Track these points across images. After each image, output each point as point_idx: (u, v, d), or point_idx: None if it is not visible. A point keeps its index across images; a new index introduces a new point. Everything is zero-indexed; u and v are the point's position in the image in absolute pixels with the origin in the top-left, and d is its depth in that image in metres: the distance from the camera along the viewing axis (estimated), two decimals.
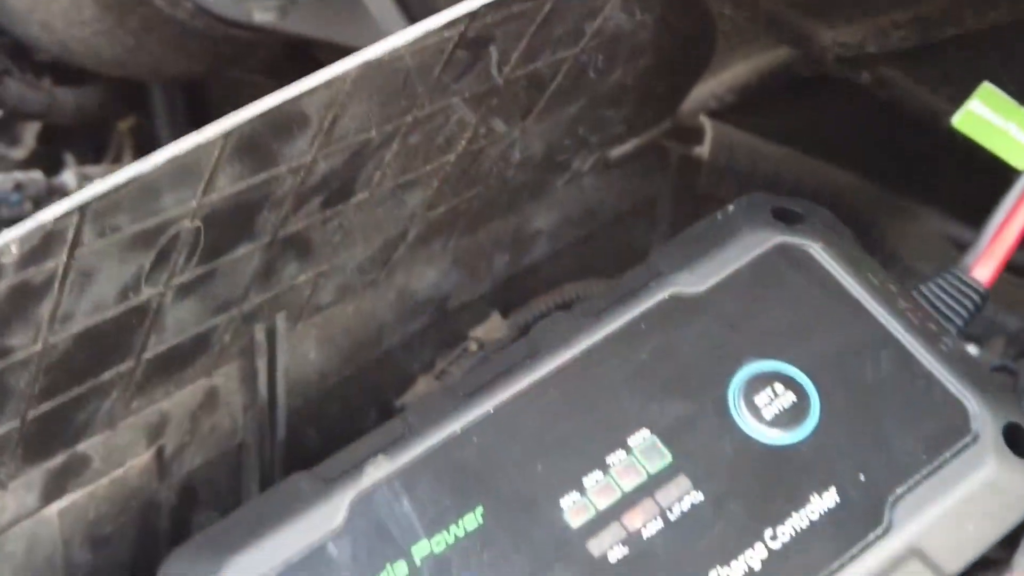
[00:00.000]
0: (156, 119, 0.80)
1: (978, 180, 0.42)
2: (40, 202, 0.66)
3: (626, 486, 0.34)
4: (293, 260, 0.40)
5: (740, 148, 0.63)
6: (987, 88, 0.40)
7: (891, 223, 0.65)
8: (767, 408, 0.35)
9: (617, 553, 0.33)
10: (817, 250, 0.38)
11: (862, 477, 0.34)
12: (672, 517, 0.34)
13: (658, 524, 0.34)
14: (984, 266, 0.40)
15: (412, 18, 0.56)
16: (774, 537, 0.33)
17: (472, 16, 0.32)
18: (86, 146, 0.81)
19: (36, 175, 0.67)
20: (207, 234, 0.33)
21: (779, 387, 0.36)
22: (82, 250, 0.29)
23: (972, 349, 0.42)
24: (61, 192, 0.68)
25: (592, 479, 0.35)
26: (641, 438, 0.35)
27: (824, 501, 0.34)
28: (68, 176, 0.71)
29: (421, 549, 0.34)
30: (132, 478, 0.44)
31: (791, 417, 0.35)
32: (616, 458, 0.35)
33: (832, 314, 0.37)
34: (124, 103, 0.80)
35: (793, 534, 0.33)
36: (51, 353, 0.32)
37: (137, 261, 0.32)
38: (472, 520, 0.34)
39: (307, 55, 0.69)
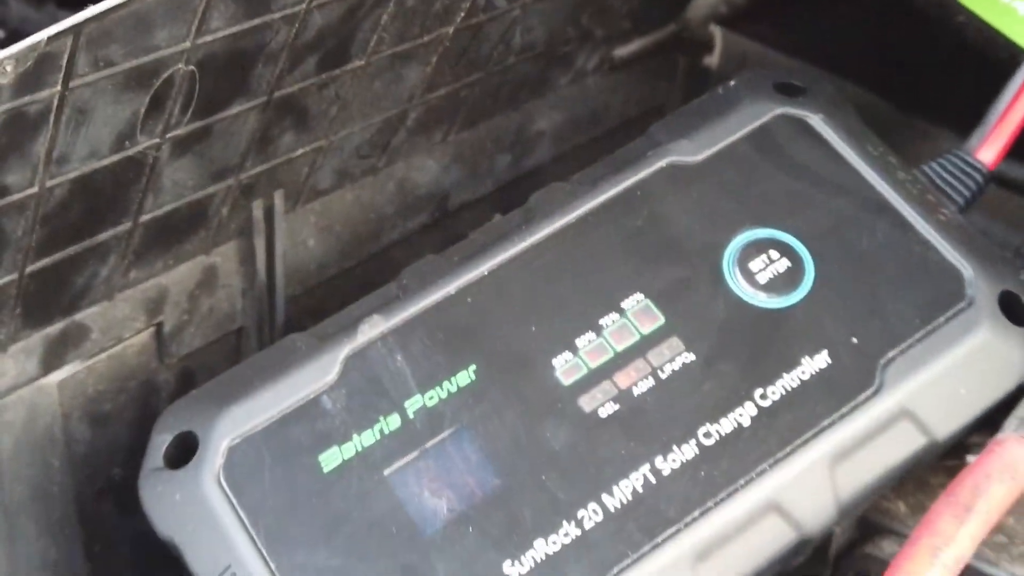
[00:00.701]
0: None
1: (991, 99, 0.41)
2: None
3: (618, 346, 0.35)
4: (290, 129, 0.40)
5: (750, 58, 0.63)
6: None
7: (903, 142, 0.64)
8: (761, 273, 0.35)
9: (608, 409, 0.34)
10: (817, 121, 0.38)
11: (854, 340, 0.34)
12: (663, 376, 0.34)
13: (649, 383, 0.34)
14: (989, 148, 0.40)
15: None
16: (764, 396, 0.34)
17: None
18: None
19: None
20: (202, 83, 0.33)
21: (774, 253, 0.36)
22: (77, 81, 0.29)
23: None
24: None
25: (585, 339, 0.35)
26: (635, 301, 0.35)
27: (815, 363, 0.34)
28: None
29: (414, 403, 0.34)
30: (131, 356, 0.44)
31: (785, 282, 0.35)
32: (609, 320, 0.35)
33: (830, 184, 0.37)
34: None
35: (783, 393, 0.33)
36: (48, 199, 0.33)
37: (132, 104, 0.32)
38: (465, 377, 0.34)
39: None
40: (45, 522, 0.43)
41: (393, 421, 0.34)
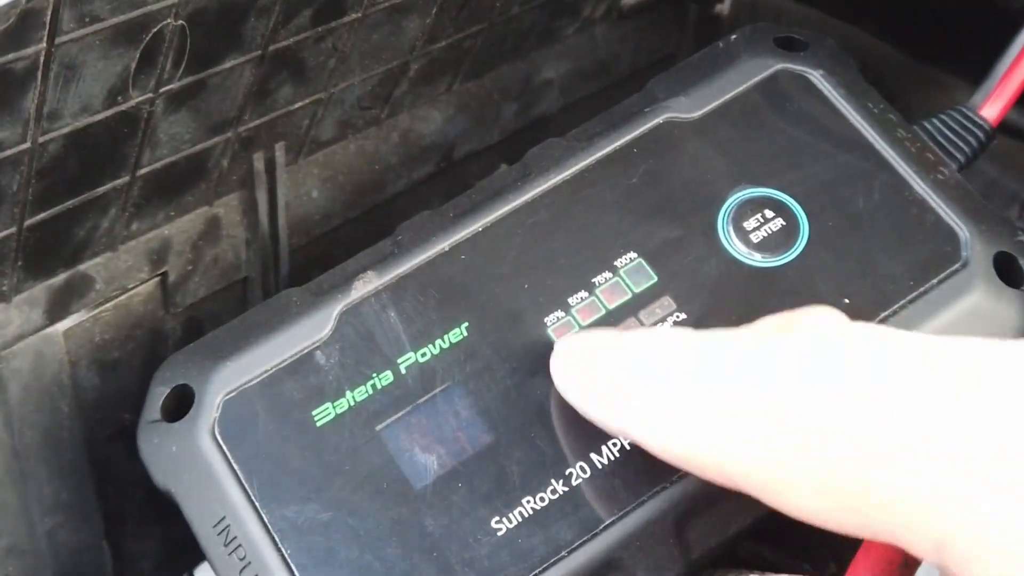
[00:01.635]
0: None
1: (1003, 48, 0.41)
2: None
3: (610, 304, 0.35)
4: (287, 82, 0.40)
5: (763, 6, 0.62)
6: None
7: (917, 92, 0.63)
8: (755, 232, 0.35)
9: None
10: (817, 78, 0.37)
11: (846, 301, 0.34)
12: None
13: None
14: (992, 104, 0.40)
15: None
16: None
17: None
18: None
19: None
20: (193, 37, 0.33)
21: (768, 212, 0.36)
22: (63, 38, 0.29)
23: None
24: None
25: (577, 297, 0.35)
26: (628, 259, 0.35)
27: None
28: None
29: (407, 359, 0.34)
30: (137, 305, 0.45)
31: (778, 241, 0.35)
32: (602, 278, 0.35)
33: (828, 141, 0.36)
34: None
35: None
36: (42, 155, 0.33)
37: (122, 60, 0.32)
38: (457, 333, 0.35)
39: None
40: (56, 465, 0.44)
41: (386, 377, 0.34)
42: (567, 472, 0.32)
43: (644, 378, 0.28)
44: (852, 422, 0.24)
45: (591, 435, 0.33)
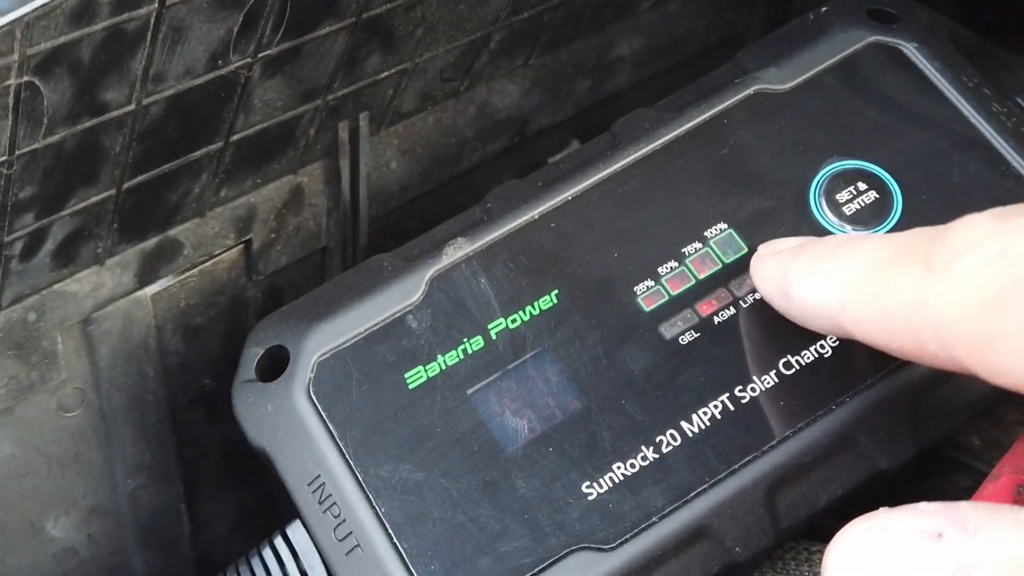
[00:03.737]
0: None
1: None
2: None
3: (700, 275, 0.35)
4: (376, 51, 0.40)
5: None
6: None
7: (988, 72, 0.63)
8: (848, 205, 0.35)
9: (688, 337, 0.34)
10: (911, 50, 0.37)
11: None
12: (745, 305, 0.34)
13: (730, 312, 0.34)
14: None
15: None
16: None
17: None
18: None
19: None
20: (293, 3, 0.33)
21: (862, 185, 0.35)
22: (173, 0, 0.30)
23: None
24: None
25: (667, 267, 0.35)
26: (718, 230, 0.35)
27: None
28: None
29: (497, 325, 0.35)
30: (221, 271, 0.45)
31: (872, 214, 0.35)
32: (691, 248, 0.35)
33: (922, 114, 0.36)
34: None
35: None
36: (145, 117, 0.34)
37: (226, 23, 0.32)
38: (547, 300, 0.35)
39: None
40: (140, 427, 0.45)
41: (476, 342, 0.34)
42: (657, 439, 0.33)
43: (862, 252, 0.28)
44: None
45: (682, 403, 0.33)
